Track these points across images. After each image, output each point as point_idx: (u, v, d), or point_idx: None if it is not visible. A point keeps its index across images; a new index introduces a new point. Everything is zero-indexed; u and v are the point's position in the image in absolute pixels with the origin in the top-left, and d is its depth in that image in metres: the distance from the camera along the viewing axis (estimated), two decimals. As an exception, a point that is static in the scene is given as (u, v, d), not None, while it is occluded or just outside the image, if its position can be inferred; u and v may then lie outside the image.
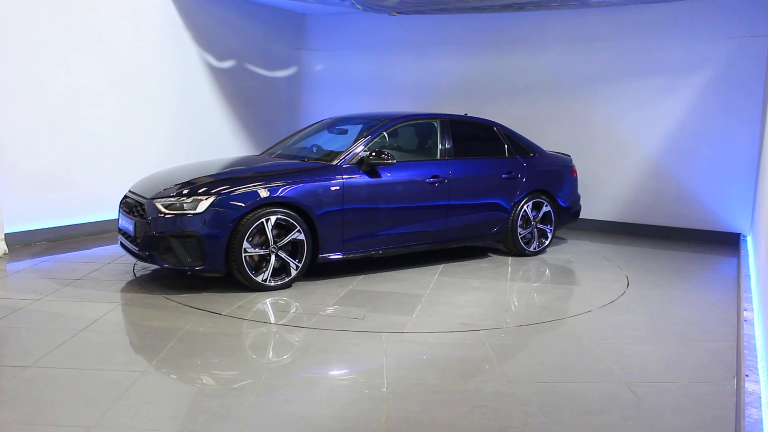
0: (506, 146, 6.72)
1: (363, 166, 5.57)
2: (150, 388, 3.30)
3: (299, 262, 5.16)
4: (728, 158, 7.49)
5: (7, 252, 6.02)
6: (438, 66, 9.14)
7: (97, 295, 4.84)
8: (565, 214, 7.06)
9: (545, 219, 6.77)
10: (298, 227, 5.12)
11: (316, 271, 5.55)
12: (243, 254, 4.90)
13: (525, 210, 6.57)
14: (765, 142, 6.15)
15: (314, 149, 6.25)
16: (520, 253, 6.63)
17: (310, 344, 4.01)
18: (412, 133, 6.53)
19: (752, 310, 4.65)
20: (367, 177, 5.57)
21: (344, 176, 5.45)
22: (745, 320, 4.40)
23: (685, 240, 7.77)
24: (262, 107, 9.34)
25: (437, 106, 8.77)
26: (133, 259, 5.60)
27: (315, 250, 5.29)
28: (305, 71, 10.04)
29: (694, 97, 7.64)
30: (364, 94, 9.65)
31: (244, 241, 4.89)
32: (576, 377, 3.61)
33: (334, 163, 5.54)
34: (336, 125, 6.62)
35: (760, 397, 3.11)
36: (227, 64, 8.69)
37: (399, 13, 8.51)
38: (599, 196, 8.29)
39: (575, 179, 7.24)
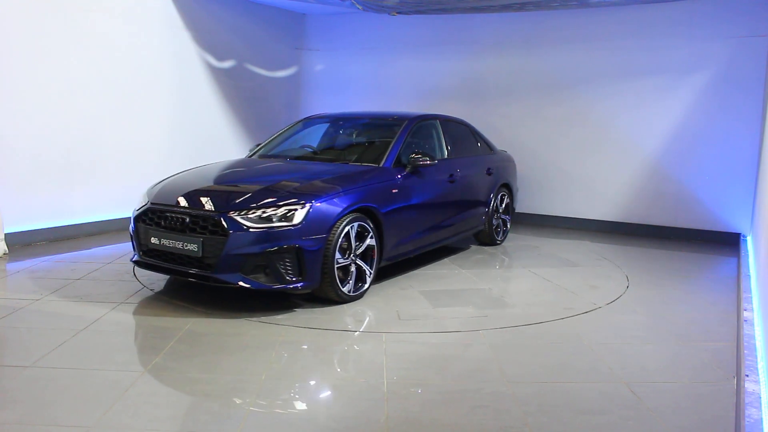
0: (479, 144, 7.12)
1: (408, 167, 5.56)
2: (150, 388, 3.30)
3: (371, 268, 5.01)
4: (728, 158, 7.49)
5: (7, 252, 6.02)
6: (438, 66, 9.14)
7: (97, 295, 4.84)
8: (513, 205, 7.66)
9: (505, 210, 7.38)
10: (371, 232, 4.97)
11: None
12: (335, 266, 4.61)
13: (496, 203, 7.10)
14: (765, 142, 6.15)
15: (319, 150, 6.16)
16: (492, 242, 7.14)
17: (310, 344, 4.01)
18: (422, 133, 6.53)
19: (752, 310, 4.65)
20: (413, 177, 5.59)
21: (396, 177, 5.41)
22: (745, 320, 4.39)
23: (685, 240, 7.77)
24: (262, 107, 9.34)
25: (437, 106, 8.77)
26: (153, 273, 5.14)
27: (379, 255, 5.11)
28: (305, 71, 10.04)
29: (694, 96, 7.64)
30: (364, 94, 9.65)
31: (336, 252, 4.60)
32: (576, 377, 3.61)
33: (382, 164, 5.45)
34: (318, 124, 6.58)
35: (760, 397, 3.10)
36: (227, 64, 8.69)
37: (399, 13, 8.51)
38: (599, 196, 8.29)
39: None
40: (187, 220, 4.54)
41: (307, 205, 4.49)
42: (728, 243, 7.49)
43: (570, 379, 3.59)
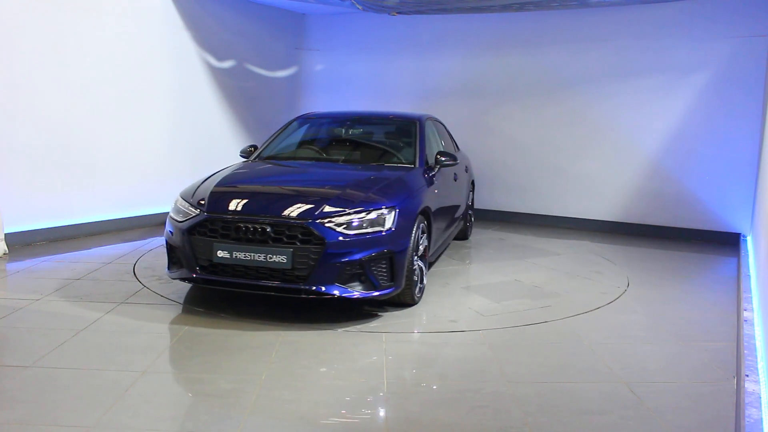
0: (454, 142, 7.25)
1: (436, 167, 5.59)
2: (150, 388, 3.30)
3: (427, 269, 5.05)
4: (728, 158, 7.49)
5: (7, 252, 6.02)
6: (438, 66, 9.14)
7: (97, 295, 4.84)
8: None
9: (472, 204, 7.63)
10: (426, 233, 4.97)
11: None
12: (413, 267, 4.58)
13: (471, 198, 7.42)
14: (765, 142, 6.15)
15: (343, 152, 5.93)
16: (465, 237, 7.39)
17: (310, 344, 4.01)
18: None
19: (752, 310, 4.65)
20: (439, 177, 5.62)
21: (431, 178, 5.42)
22: (745, 320, 4.39)
23: (685, 240, 7.77)
24: (262, 107, 9.34)
25: (437, 106, 8.77)
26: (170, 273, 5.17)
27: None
28: (305, 71, 10.04)
29: (694, 96, 7.64)
30: (364, 94, 9.65)
31: (414, 254, 4.58)
32: (576, 377, 3.61)
33: (417, 165, 5.43)
34: (318, 124, 6.35)
35: (760, 397, 3.10)
36: (227, 64, 8.69)
37: (399, 13, 8.51)
38: (599, 196, 8.29)
39: None
40: (269, 229, 4.22)
41: (395, 210, 4.43)
42: (728, 243, 7.49)
43: (570, 379, 3.59)
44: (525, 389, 3.41)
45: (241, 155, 6.06)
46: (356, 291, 4.26)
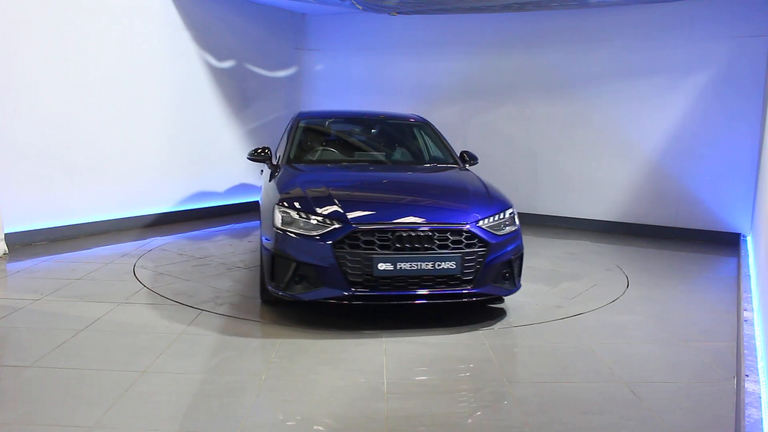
0: None
1: (468, 163, 5.72)
2: (150, 388, 3.29)
3: None
4: (728, 158, 7.49)
5: (7, 252, 6.02)
6: (438, 66, 9.14)
7: (97, 295, 4.84)
8: None
9: None
10: None
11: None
12: None
13: None
14: (765, 142, 6.15)
15: (371, 153, 5.91)
16: None
17: (310, 344, 4.01)
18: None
19: (752, 310, 4.65)
20: None
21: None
22: (745, 320, 4.39)
23: (685, 240, 7.77)
24: (262, 107, 9.34)
25: (437, 106, 8.78)
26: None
27: None
28: (305, 71, 10.04)
29: (694, 97, 7.64)
30: (364, 94, 9.65)
31: None
32: (576, 377, 3.61)
33: (461, 165, 5.60)
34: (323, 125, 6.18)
35: (760, 397, 3.10)
36: (227, 64, 8.69)
37: (399, 13, 8.52)
38: (599, 196, 8.29)
39: None
40: (436, 236, 4.12)
41: (514, 209, 4.62)
42: (728, 243, 7.48)
43: (570, 379, 3.59)
44: (525, 389, 3.41)
45: (255, 159, 5.52)
46: (505, 289, 4.45)
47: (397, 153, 5.99)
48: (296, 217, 4.23)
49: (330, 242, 4.04)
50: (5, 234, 6.09)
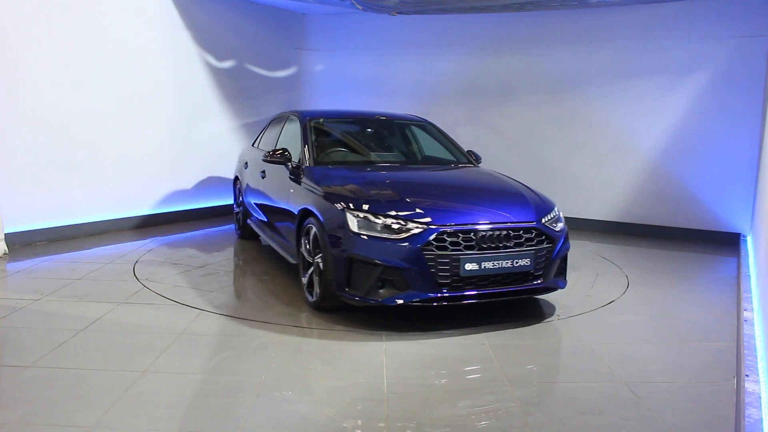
0: None
1: (476, 162, 5.83)
2: (150, 388, 3.29)
3: None
4: (728, 158, 7.49)
5: (7, 252, 6.02)
6: (438, 66, 9.14)
7: (97, 295, 4.84)
8: None
9: None
10: None
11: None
12: None
13: None
14: (765, 142, 6.15)
15: (391, 154, 5.86)
16: None
17: (310, 344, 4.01)
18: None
19: (752, 310, 4.65)
20: None
21: None
22: (745, 320, 4.39)
23: (685, 240, 7.77)
24: (263, 107, 9.34)
25: (437, 106, 8.78)
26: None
27: None
28: (305, 71, 10.04)
29: (693, 97, 7.64)
30: (364, 94, 9.65)
31: None
32: (576, 377, 3.61)
33: (477, 163, 5.75)
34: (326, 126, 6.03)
35: (760, 397, 3.10)
36: (227, 64, 8.69)
37: (399, 13, 8.52)
38: (599, 196, 8.29)
39: None
40: (512, 234, 4.25)
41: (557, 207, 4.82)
42: (728, 243, 7.48)
43: (570, 379, 3.59)
44: (525, 389, 3.41)
45: (274, 162, 5.30)
46: (562, 281, 4.66)
47: (418, 153, 6.04)
48: (374, 220, 4.14)
49: (419, 245, 4.02)
50: (5, 234, 6.09)
